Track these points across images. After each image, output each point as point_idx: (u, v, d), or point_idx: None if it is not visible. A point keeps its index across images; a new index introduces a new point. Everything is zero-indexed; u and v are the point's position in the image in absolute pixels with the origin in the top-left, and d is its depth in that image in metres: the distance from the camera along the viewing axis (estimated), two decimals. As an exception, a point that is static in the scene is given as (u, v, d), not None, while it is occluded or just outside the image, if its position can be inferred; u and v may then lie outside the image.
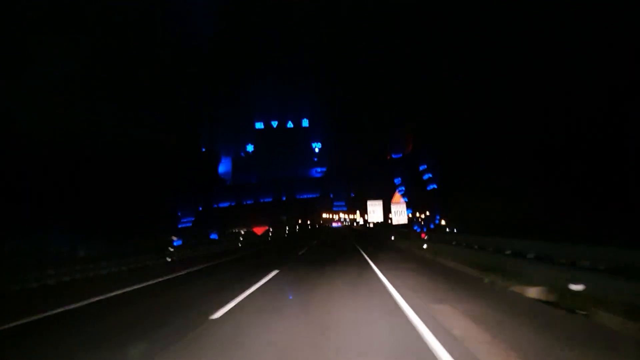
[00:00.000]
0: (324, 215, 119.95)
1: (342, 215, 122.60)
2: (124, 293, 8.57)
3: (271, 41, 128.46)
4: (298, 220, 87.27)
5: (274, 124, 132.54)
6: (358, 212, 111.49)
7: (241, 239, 27.80)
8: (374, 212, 33.83)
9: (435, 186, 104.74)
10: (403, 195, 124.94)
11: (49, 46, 38.35)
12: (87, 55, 44.41)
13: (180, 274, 11.91)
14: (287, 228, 56.12)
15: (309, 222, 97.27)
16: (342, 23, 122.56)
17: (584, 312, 5.43)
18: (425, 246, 16.20)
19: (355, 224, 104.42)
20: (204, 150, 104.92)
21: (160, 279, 10.64)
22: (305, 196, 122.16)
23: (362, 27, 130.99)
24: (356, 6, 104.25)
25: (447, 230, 47.87)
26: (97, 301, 7.68)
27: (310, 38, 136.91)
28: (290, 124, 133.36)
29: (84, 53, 43.67)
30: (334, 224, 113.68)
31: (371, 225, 56.82)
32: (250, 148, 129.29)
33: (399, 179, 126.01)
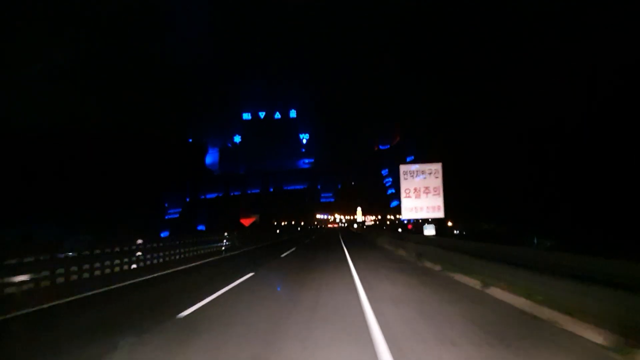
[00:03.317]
0: (319, 216, 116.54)
1: (337, 215, 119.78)
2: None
3: (258, 32, 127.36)
4: (285, 221, 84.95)
5: (262, 114, 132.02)
6: (359, 208, 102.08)
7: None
8: (420, 193, 17.14)
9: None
10: (390, 187, 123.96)
11: (34, 39, 37.72)
12: (70, 48, 43.65)
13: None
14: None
15: (303, 224, 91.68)
16: (330, 16, 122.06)
17: None
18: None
19: (357, 225, 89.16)
20: (190, 141, 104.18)
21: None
22: (292, 187, 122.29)
23: (351, 20, 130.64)
24: (346, 1, 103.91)
25: (456, 232, 45.56)
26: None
27: (298, 30, 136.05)
28: (277, 115, 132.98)
29: (67, 44, 42.93)
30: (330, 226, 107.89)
31: (428, 231, 23.56)
32: (237, 139, 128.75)
33: (387, 170, 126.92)
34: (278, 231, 51.64)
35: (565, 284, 6.05)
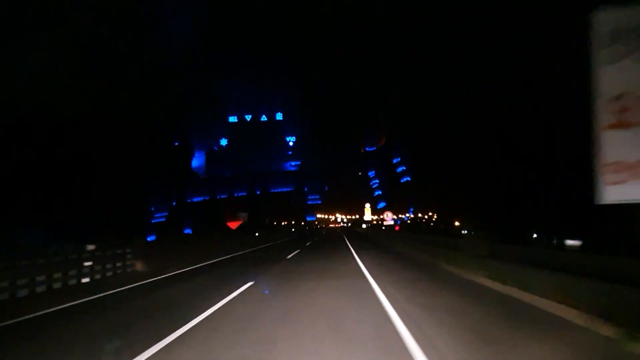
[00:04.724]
0: (319, 215, 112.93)
1: (338, 215, 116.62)
2: None
3: (244, 35, 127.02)
4: (285, 221, 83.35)
5: (248, 117, 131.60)
6: (368, 205, 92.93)
7: None
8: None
9: (409, 178, 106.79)
10: (377, 188, 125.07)
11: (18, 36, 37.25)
12: (52, 48, 43.09)
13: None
14: None
15: (303, 224, 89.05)
16: (317, 18, 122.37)
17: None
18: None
19: (365, 226, 75.64)
20: (176, 144, 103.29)
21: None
22: (279, 190, 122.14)
23: (337, 24, 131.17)
24: (333, 2, 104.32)
25: (464, 232, 44.52)
26: None
27: (285, 32, 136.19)
28: (264, 118, 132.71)
29: (48, 45, 42.36)
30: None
31: None
32: (224, 142, 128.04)
33: (373, 171, 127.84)
34: (257, 234, 40.94)
35: None
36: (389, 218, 40.25)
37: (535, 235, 29.08)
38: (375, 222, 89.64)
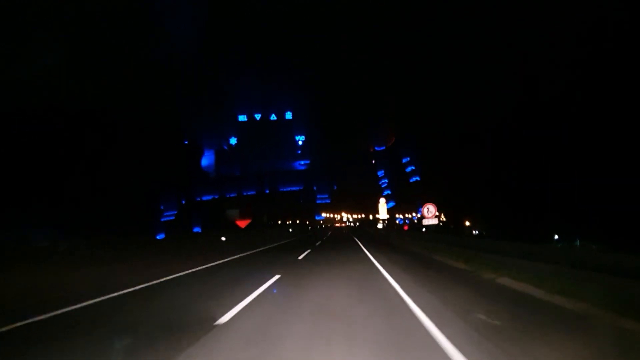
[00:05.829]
0: (324, 214, 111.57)
1: (344, 214, 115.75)
2: None
3: (254, 33, 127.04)
4: (289, 220, 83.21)
5: (257, 116, 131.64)
6: (383, 200, 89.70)
7: None
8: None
9: (418, 178, 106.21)
10: (386, 188, 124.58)
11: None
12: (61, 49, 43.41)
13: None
14: None
15: (308, 223, 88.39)
16: (325, 17, 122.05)
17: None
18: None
19: (381, 225, 73.30)
20: (186, 143, 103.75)
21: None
22: (288, 189, 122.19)
23: (345, 22, 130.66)
24: (334, 2, 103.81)
25: (476, 232, 43.35)
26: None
27: (294, 31, 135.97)
28: (273, 117, 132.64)
29: (57, 44, 42.70)
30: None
31: None
32: (233, 141, 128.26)
33: (382, 171, 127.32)
34: (223, 238, 35.44)
35: None
36: (429, 214, 26.57)
37: (556, 237, 28.64)
38: (387, 222, 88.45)
